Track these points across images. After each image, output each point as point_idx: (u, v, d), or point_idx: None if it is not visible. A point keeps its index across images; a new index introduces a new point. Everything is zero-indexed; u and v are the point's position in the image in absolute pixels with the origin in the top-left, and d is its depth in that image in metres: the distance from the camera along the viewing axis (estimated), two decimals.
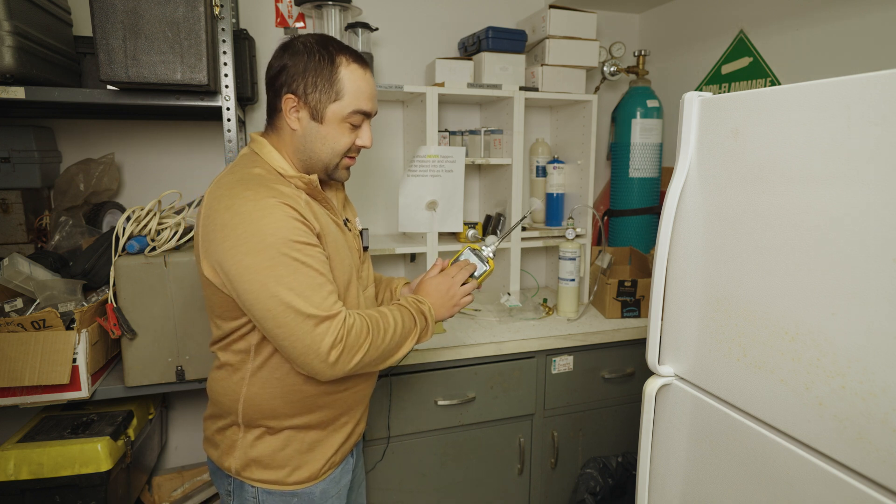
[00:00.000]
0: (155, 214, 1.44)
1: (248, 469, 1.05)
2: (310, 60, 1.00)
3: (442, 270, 1.23)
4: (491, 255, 1.26)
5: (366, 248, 1.21)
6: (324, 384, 1.05)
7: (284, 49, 1.03)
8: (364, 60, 1.05)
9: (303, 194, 1.01)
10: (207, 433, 1.12)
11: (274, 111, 1.05)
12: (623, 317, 1.93)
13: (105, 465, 1.39)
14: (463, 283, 1.19)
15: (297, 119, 1.02)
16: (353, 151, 1.08)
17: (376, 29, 1.83)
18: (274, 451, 1.04)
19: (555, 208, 2.18)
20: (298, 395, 1.03)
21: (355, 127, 1.05)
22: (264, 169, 1.01)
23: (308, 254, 0.93)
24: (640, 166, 2.11)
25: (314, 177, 1.03)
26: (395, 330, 1.03)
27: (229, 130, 1.41)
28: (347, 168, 1.11)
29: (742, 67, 1.98)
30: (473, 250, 1.29)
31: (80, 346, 1.32)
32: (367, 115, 1.06)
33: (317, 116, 1.01)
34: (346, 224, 1.14)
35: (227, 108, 1.40)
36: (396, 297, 1.32)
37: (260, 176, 0.98)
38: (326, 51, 1.01)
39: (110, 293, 1.36)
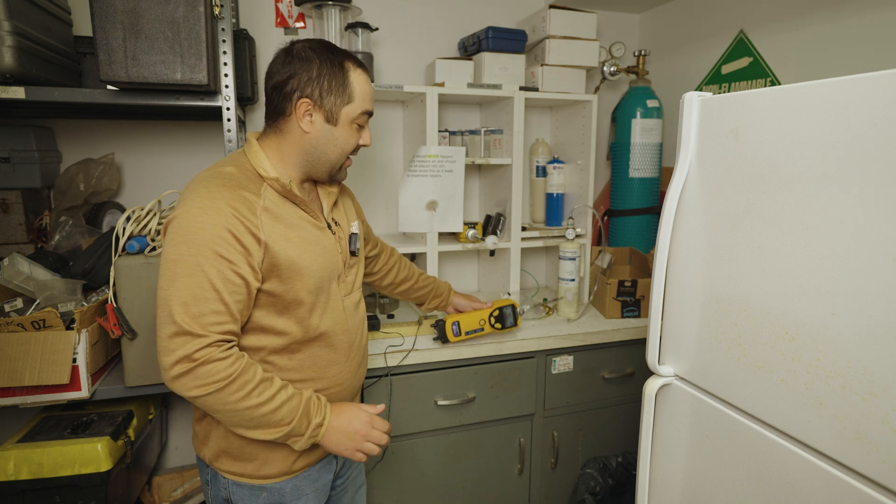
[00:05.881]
0: (155, 214, 1.44)
1: (220, 460, 1.07)
2: (322, 66, 1.04)
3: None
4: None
5: (353, 253, 1.19)
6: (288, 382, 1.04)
7: (289, 55, 1.05)
8: (363, 63, 1.12)
9: (270, 198, 1.01)
10: (192, 423, 1.14)
11: (280, 115, 1.06)
12: (623, 317, 1.93)
13: (105, 465, 1.39)
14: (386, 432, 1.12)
15: (310, 122, 1.05)
16: (355, 151, 1.14)
17: (376, 29, 1.83)
18: (243, 444, 1.05)
19: (555, 208, 2.18)
20: None
21: (361, 127, 1.12)
22: (238, 168, 1.02)
23: (218, 267, 0.91)
24: (640, 166, 2.11)
25: (290, 181, 1.04)
26: (263, 406, 0.95)
27: (229, 130, 1.41)
28: (346, 168, 1.16)
29: (742, 67, 1.98)
30: (514, 310, 1.66)
31: (80, 346, 1.32)
32: (370, 116, 1.13)
33: (332, 119, 1.06)
34: (330, 227, 1.14)
35: (227, 108, 1.40)
36: (449, 305, 1.58)
37: (227, 175, 0.99)
38: (335, 56, 1.06)
39: (110, 293, 1.36)
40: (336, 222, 1.17)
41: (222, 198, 0.94)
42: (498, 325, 1.60)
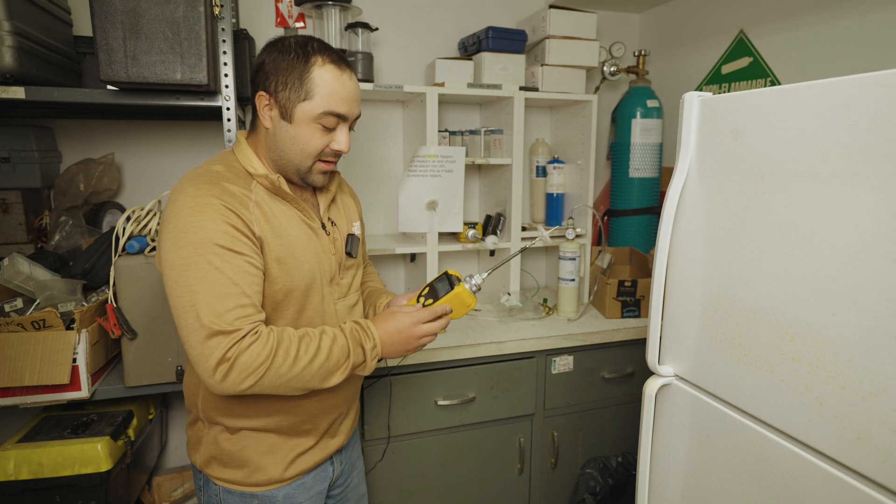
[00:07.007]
0: (155, 214, 1.44)
1: (210, 466, 1.06)
2: (284, 59, 0.98)
3: (414, 300, 1.14)
4: (475, 288, 1.11)
5: (349, 255, 1.15)
6: None
7: (267, 47, 1.03)
8: (345, 63, 1.02)
9: (260, 194, 0.99)
10: (185, 428, 1.12)
11: (255, 110, 1.04)
12: (623, 317, 1.93)
13: (105, 465, 1.39)
14: (437, 318, 1.08)
15: (269, 117, 1.01)
16: (328, 155, 1.04)
17: (376, 29, 1.83)
18: (233, 451, 1.04)
19: (555, 208, 2.18)
20: (252, 396, 1.00)
21: (328, 129, 1.01)
22: (227, 166, 1.01)
23: (227, 259, 0.90)
24: (640, 166, 2.11)
25: (279, 177, 1.02)
26: (316, 359, 0.94)
27: (229, 130, 1.41)
28: (323, 173, 1.06)
29: (742, 67, 1.98)
30: (450, 277, 1.13)
31: (80, 346, 1.32)
32: (342, 118, 1.02)
33: (286, 115, 0.99)
34: (325, 226, 1.10)
35: (227, 108, 1.40)
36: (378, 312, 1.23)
37: (215, 172, 0.98)
38: (304, 50, 0.99)
39: (110, 293, 1.36)
40: (333, 222, 1.13)
41: (212, 193, 0.92)
42: (429, 302, 1.12)
